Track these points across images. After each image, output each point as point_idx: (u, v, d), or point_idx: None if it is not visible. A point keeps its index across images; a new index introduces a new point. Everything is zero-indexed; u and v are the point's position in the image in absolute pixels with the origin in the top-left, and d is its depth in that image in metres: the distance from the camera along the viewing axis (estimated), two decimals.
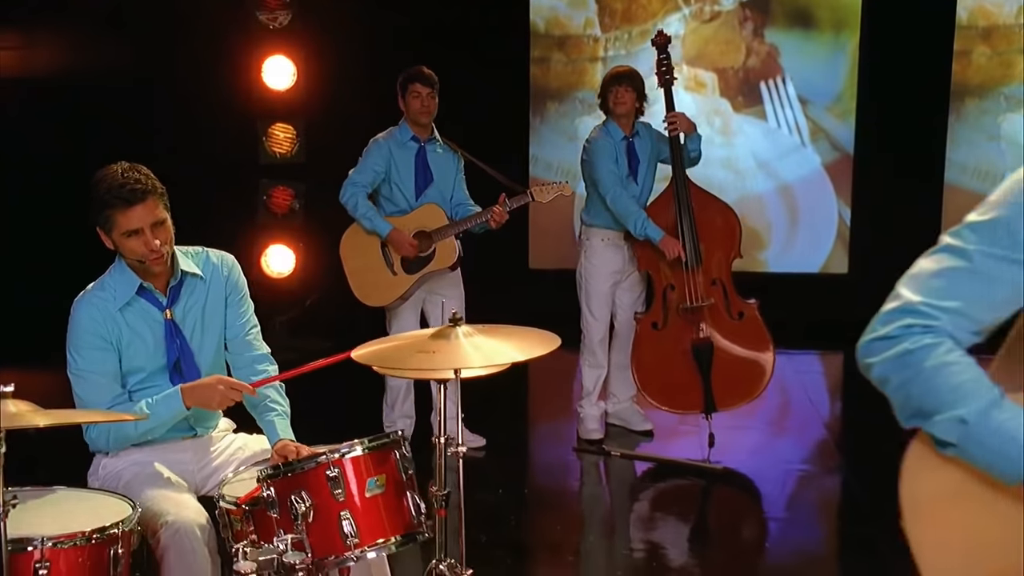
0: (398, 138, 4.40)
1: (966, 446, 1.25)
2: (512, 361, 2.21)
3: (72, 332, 2.48)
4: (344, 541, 1.98)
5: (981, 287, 1.29)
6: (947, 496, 1.29)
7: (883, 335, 1.31)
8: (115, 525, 2.10)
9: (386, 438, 2.10)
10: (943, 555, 1.30)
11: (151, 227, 2.42)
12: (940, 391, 1.26)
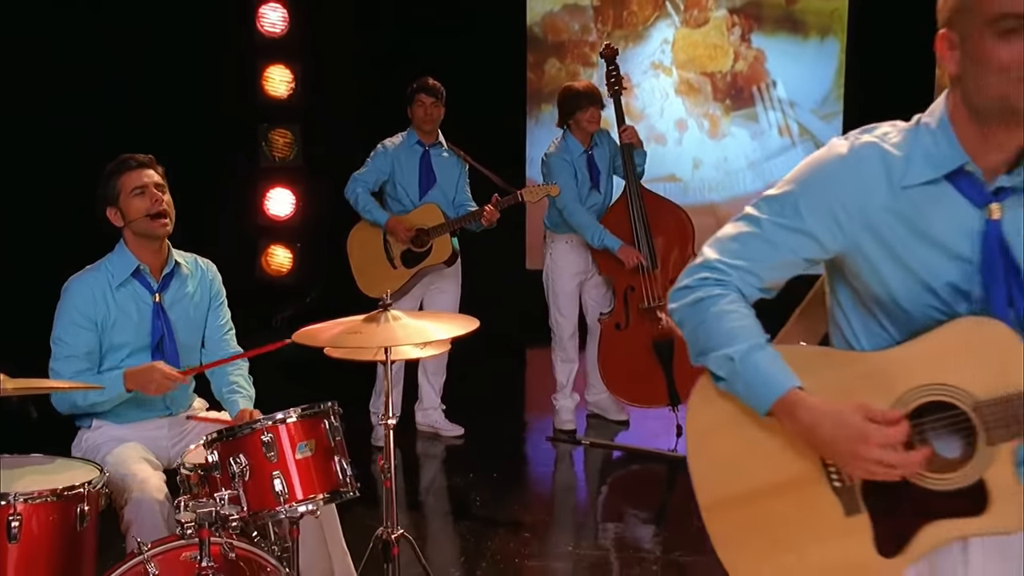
0: (405, 143, 4.69)
1: (732, 380, 1.49)
2: (432, 340, 2.45)
3: (62, 305, 2.77)
4: (276, 497, 2.24)
5: (767, 250, 1.52)
6: (719, 424, 1.53)
7: (684, 285, 1.56)
8: (82, 485, 2.35)
9: (317, 408, 2.35)
10: (711, 472, 1.55)
11: (155, 186, 2.75)
12: (718, 333, 1.49)
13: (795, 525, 1.48)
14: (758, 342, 1.48)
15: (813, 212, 1.49)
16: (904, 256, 1.45)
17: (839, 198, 1.47)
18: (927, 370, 1.41)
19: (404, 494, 4.47)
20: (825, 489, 1.47)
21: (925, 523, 1.41)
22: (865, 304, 1.53)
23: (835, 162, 1.49)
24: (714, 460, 1.55)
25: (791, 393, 1.44)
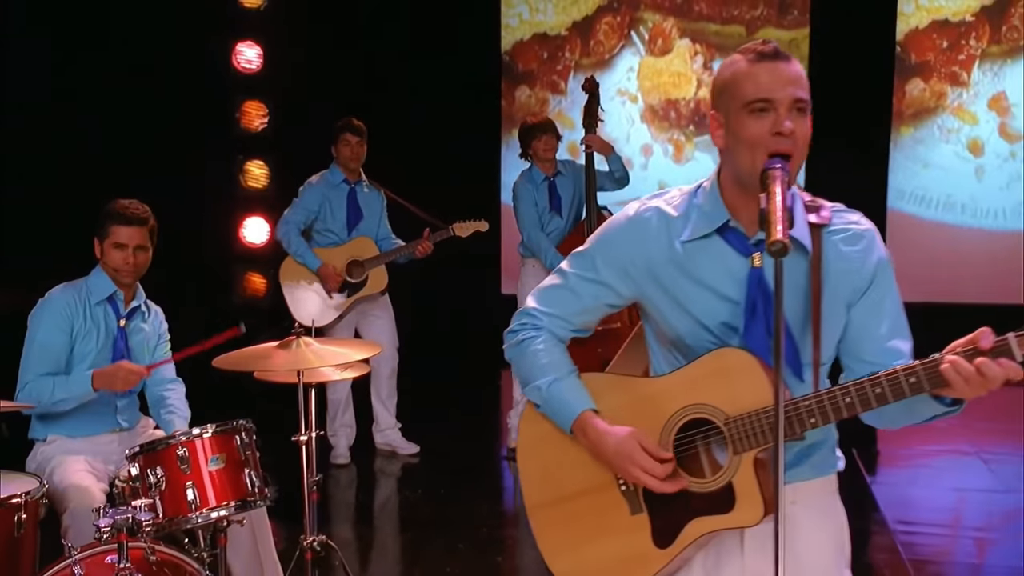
0: (330, 180, 4.93)
1: (543, 406, 1.75)
2: (336, 364, 2.71)
3: (43, 307, 3.07)
4: (189, 505, 2.50)
5: (573, 300, 1.78)
6: (539, 441, 1.79)
7: (511, 330, 1.82)
8: (20, 495, 2.61)
9: (229, 425, 2.60)
10: (533, 480, 1.82)
11: (134, 248, 3.04)
12: (533, 368, 1.76)
13: (593, 523, 1.72)
14: (562, 374, 1.74)
15: (608, 266, 1.74)
16: (683, 301, 1.70)
17: (628, 254, 1.72)
18: (691, 392, 1.65)
19: (355, 508, 4.73)
20: (615, 493, 1.71)
21: (690, 519, 1.64)
22: (660, 339, 1.77)
23: (624, 223, 1.75)
24: (535, 470, 1.80)
25: (583, 415, 1.69)
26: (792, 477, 1.69)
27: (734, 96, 1.63)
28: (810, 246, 1.68)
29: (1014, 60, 6.92)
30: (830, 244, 1.70)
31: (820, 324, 1.67)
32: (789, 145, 1.59)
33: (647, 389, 1.72)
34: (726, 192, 1.69)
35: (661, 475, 1.62)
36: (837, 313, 1.71)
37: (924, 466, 5.22)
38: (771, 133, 1.59)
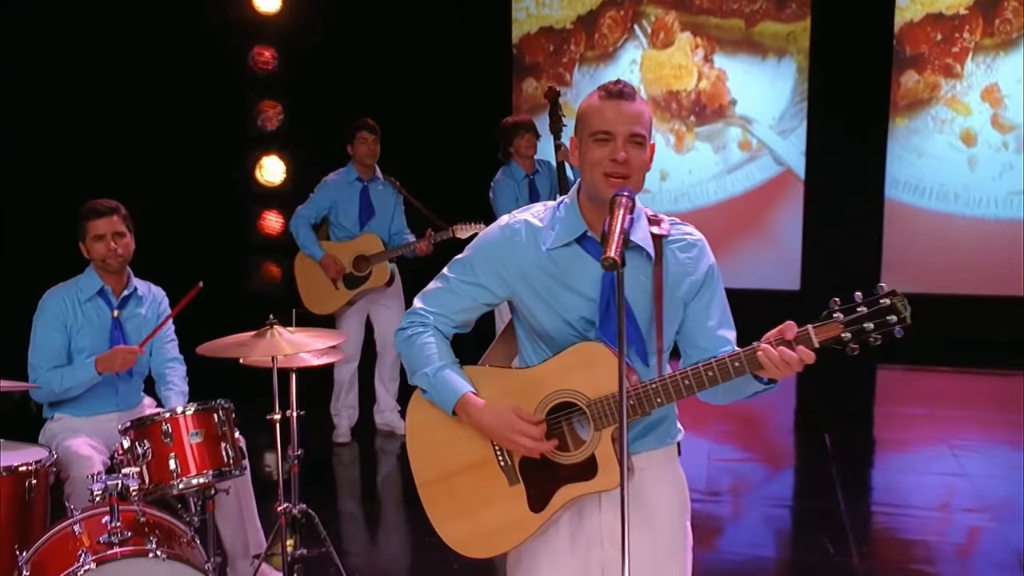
0: (344, 178, 5.26)
1: (429, 391, 2.04)
2: (307, 350, 3.05)
3: (40, 308, 3.43)
4: (171, 473, 2.86)
5: (454, 300, 2.08)
6: (426, 424, 2.09)
7: (401, 327, 2.11)
8: (32, 463, 3.00)
9: (208, 404, 2.96)
10: (421, 458, 2.11)
11: (112, 235, 3.37)
12: (420, 358, 2.05)
13: (475, 494, 2.02)
14: (445, 363, 2.04)
15: (484, 270, 2.04)
16: (549, 300, 1.99)
17: (501, 260, 2.02)
18: (558, 380, 1.95)
19: (356, 484, 5.10)
20: (495, 468, 2.01)
21: (560, 487, 1.94)
22: (529, 333, 2.07)
23: (497, 234, 2.04)
24: (423, 449, 2.10)
25: (465, 396, 1.99)
26: (641, 448, 2.02)
27: (585, 126, 1.94)
28: (653, 253, 1.97)
29: (1007, 52, 7.03)
30: (669, 251, 2.00)
31: (663, 318, 1.96)
32: (623, 170, 1.89)
33: (520, 378, 2.02)
34: (583, 207, 1.98)
35: (537, 435, 1.92)
36: (676, 309, 2.01)
37: (893, 453, 5.46)
38: (609, 159, 1.88)
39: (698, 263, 2.04)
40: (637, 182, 1.94)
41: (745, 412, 5.89)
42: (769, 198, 7.66)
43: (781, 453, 5.72)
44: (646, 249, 1.98)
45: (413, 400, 2.11)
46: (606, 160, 1.91)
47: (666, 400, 1.89)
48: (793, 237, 7.65)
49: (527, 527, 1.97)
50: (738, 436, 5.69)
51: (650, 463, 2.05)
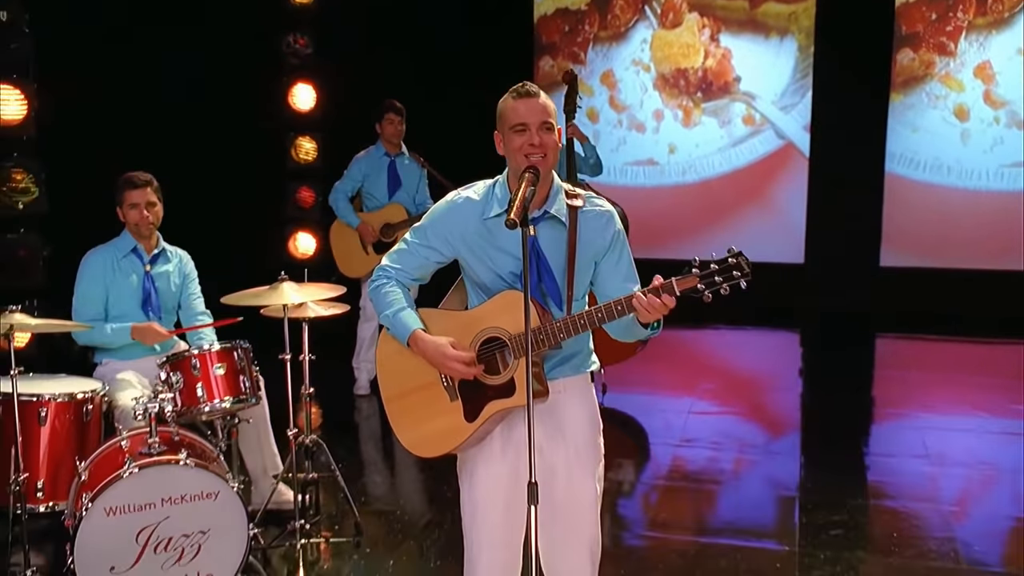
0: (374, 155, 5.86)
1: (391, 329, 2.57)
2: (311, 299, 3.65)
3: (82, 266, 4.01)
4: (199, 399, 3.47)
5: (412, 259, 2.61)
6: (391, 353, 2.62)
7: (372, 279, 2.64)
8: (88, 392, 3.64)
9: (230, 343, 3.56)
10: (386, 380, 2.64)
11: (145, 204, 3.95)
12: (384, 303, 2.59)
13: (424, 408, 2.57)
14: (402, 307, 2.57)
15: (434, 237, 2.57)
16: (485, 258, 2.51)
17: (447, 227, 2.55)
18: (490, 319, 2.48)
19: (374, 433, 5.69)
20: (440, 388, 2.55)
21: (488, 402, 2.48)
22: (472, 284, 2.60)
23: (445, 207, 2.57)
24: (387, 373, 2.65)
25: (415, 332, 2.53)
26: (558, 374, 2.54)
27: (505, 121, 2.45)
28: (567, 221, 2.48)
29: (999, 31, 7.32)
30: (583, 220, 2.50)
31: (574, 273, 2.48)
32: (540, 151, 2.40)
33: (462, 318, 2.56)
34: (511, 185, 2.49)
35: (466, 362, 2.46)
36: (587, 266, 2.52)
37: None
38: (528, 144, 2.40)
39: (606, 230, 2.54)
40: (551, 159, 2.44)
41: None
42: (771, 170, 8.07)
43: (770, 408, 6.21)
44: (560, 218, 2.49)
45: (381, 336, 2.66)
46: (526, 145, 2.42)
47: (568, 335, 2.41)
48: (797, 211, 8.04)
49: (462, 433, 2.52)
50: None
51: (566, 387, 2.58)
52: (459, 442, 2.54)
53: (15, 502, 3.43)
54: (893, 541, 4.00)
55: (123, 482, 3.24)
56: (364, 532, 4.09)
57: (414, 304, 2.61)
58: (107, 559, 3.26)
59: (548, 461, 2.56)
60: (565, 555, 2.61)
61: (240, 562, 3.43)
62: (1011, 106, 7.34)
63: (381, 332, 2.68)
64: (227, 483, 3.41)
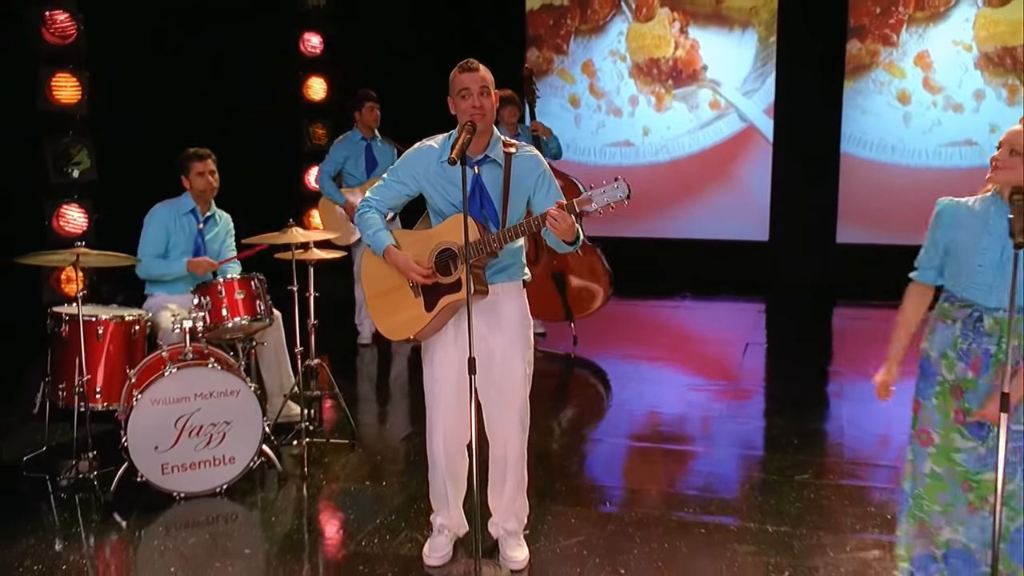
0: (352, 139, 6.68)
1: (371, 245, 3.42)
2: (313, 239, 4.53)
3: (151, 215, 4.88)
4: (223, 317, 4.35)
5: (388, 192, 3.45)
6: (373, 263, 3.47)
7: (358, 208, 3.49)
8: (135, 315, 4.53)
9: (248, 275, 4.45)
10: (369, 283, 3.49)
11: (209, 173, 4.85)
12: (366, 226, 3.43)
13: (396, 303, 3.42)
14: (380, 228, 3.41)
15: (405, 174, 3.41)
16: (441, 191, 3.35)
17: (414, 168, 3.39)
18: (443, 235, 3.32)
19: (372, 374, 6.55)
20: (407, 288, 3.40)
21: (441, 296, 3.33)
22: (432, 210, 3.44)
23: (414, 152, 3.41)
24: (369, 278, 3.50)
25: (388, 247, 3.38)
26: (497, 280, 3.38)
27: (453, 89, 3.28)
28: (503, 163, 3.33)
29: (935, 24, 8.12)
30: (516, 162, 3.34)
31: (508, 201, 3.31)
32: (480, 112, 3.23)
33: (424, 235, 3.41)
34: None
35: (424, 270, 3.31)
36: (521, 198, 3.35)
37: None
38: (471, 106, 3.24)
39: (535, 170, 3.37)
40: (489, 117, 3.27)
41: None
42: (736, 150, 8.89)
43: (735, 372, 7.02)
44: (498, 161, 3.34)
45: (364, 251, 3.53)
46: (469, 107, 3.26)
47: (501, 245, 3.24)
48: (762, 191, 8.84)
49: (423, 320, 3.37)
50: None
51: (503, 290, 3.42)
52: (420, 327, 3.40)
53: (79, 401, 4.33)
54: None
55: (165, 379, 4.14)
56: (358, 437, 4.97)
57: (388, 227, 3.47)
58: (152, 440, 4.15)
59: (489, 346, 3.41)
60: (501, 416, 3.47)
61: (256, 448, 4.32)
62: (947, 91, 8.13)
63: (365, 248, 3.54)
64: (246, 384, 4.30)
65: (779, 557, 3.67)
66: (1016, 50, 7.99)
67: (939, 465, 2.98)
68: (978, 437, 2.93)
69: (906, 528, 3.09)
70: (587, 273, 6.67)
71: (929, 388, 3.01)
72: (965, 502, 2.97)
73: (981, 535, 2.95)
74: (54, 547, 3.79)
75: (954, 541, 3.00)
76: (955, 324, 2.95)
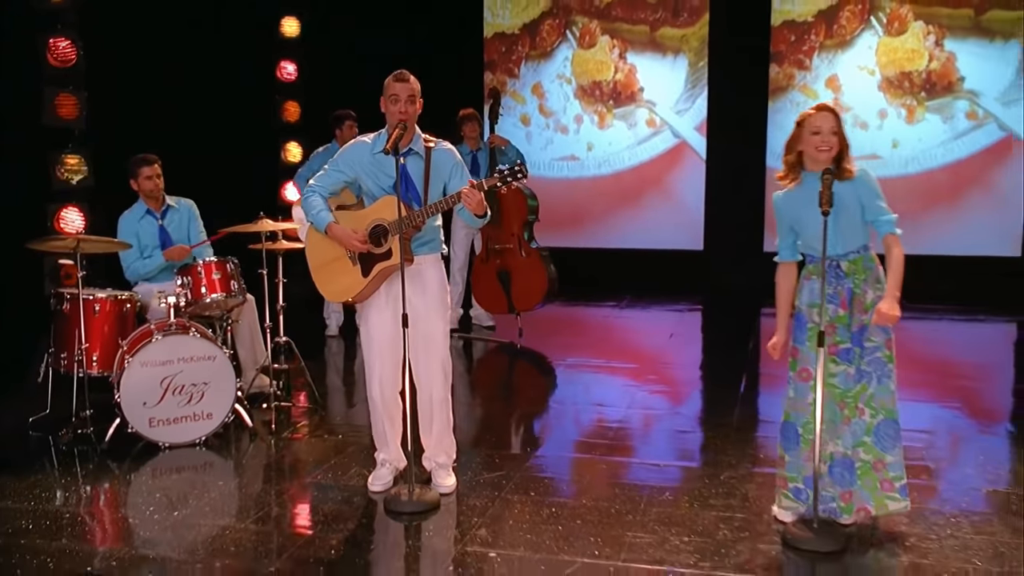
0: (331, 150, 7.18)
1: (314, 224, 4.21)
2: (280, 228, 5.33)
3: (119, 228, 5.64)
4: (202, 294, 5.15)
5: (328, 180, 4.22)
6: (315, 239, 4.24)
7: (303, 194, 4.28)
8: (127, 296, 5.31)
9: (224, 258, 5.24)
10: (313, 255, 4.28)
11: (156, 176, 5.62)
12: (310, 208, 4.20)
13: (337, 271, 4.18)
14: (322, 208, 4.17)
15: (343, 165, 4.19)
16: (374, 178, 4.14)
17: (351, 158, 4.18)
18: (376, 214, 4.10)
19: (339, 362, 7.31)
20: (346, 258, 4.17)
21: (375, 264, 4.11)
22: (366, 196, 4.23)
23: (351, 146, 4.20)
24: (313, 252, 4.27)
25: (328, 224, 4.15)
26: (420, 252, 4.14)
27: (386, 93, 4.07)
28: (424, 155, 4.15)
29: (843, 50, 9.07)
30: (435, 154, 4.14)
31: (428, 185, 4.10)
32: (406, 116, 4.02)
33: (360, 213, 4.16)
34: (389, 132, 4.11)
35: (360, 241, 4.11)
36: (439, 183, 4.14)
37: None
38: (399, 111, 4.05)
39: (449, 161, 4.15)
40: (413, 118, 4.05)
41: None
42: (670, 165, 9.78)
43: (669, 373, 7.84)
44: (420, 153, 4.16)
45: (308, 228, 4.32)
46: (397, 111, 4.07)
47: (423, 219, 4.04)
48: (695, 203, 9.69)
49: (359, 284, 4.15)
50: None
51: (425, 261, 4.17)
52: (358, 290, 4.19)
53: (78, 367, 5.09)
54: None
55: (152, 344, 4.92)
56: (320, 403, 5.75)
57: (329, 207, 4.27)
58: (141, 397, 4.91)
59: (414, 307, 4.16)
60: (427, 366, 4.22)
61: (230, 406, 5.09)
62: (854, 110, 9.06)
63: (309, 227, 4.34)
64: (222, 351, 5.09)
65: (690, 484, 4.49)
66: (912, 74, 8.95)
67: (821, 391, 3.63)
68: (847, 360, 3.71)
69: (797, 454, 3.80)
70: (529, 272, 7.45)
71: (803, 334, 3.75)
72: (841, 418, 3.75)
73: (853, 439, 3.76)
74: (59, 483, 4.54)
75: (836, 452, 3.77)
76: (817, 279, 3.67)
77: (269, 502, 4.34)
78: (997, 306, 8.50)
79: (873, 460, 3.77)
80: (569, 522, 3.97)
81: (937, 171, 8.96)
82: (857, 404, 3.74)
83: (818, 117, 3.73)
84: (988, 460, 4.72)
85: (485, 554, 3.68)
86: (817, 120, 3.72)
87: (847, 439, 3.77)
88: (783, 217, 3.85)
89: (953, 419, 5.51)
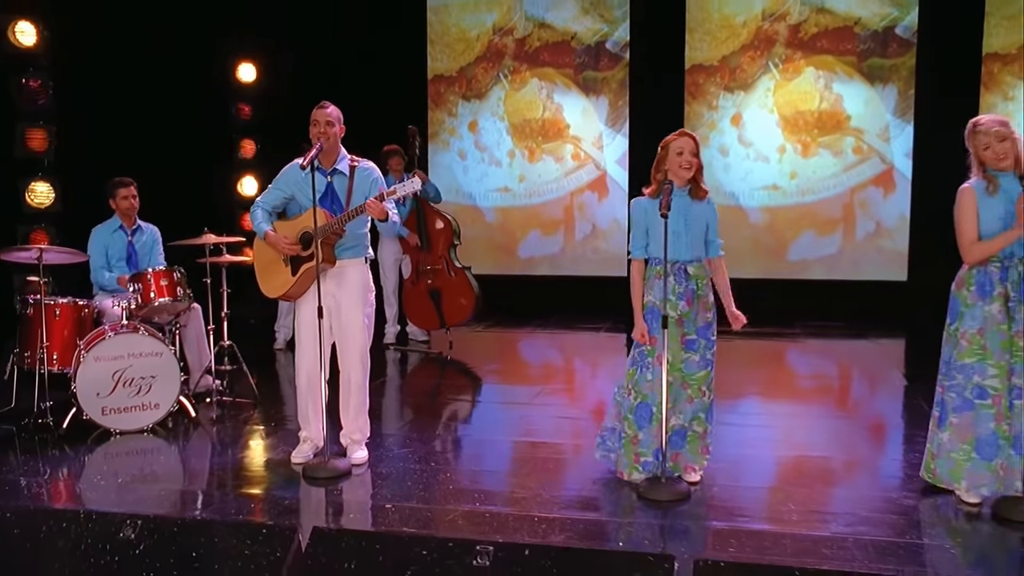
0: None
1: (256, 232, 4.97)
2: (222, 242, 6.05)
3: (93, 237, 6.33)
4: (151, 298, 5.84)
5: (270, 196, 5.00)
6: (259, 247, 5.00)
7: (251, 209, 5.04)
8: (84, 302, 5.99)
9: (171, 267, 5.95)
10: (258, 260, 5.03)
11: (131, 198, 6.35)
12: (256, 221, 4.96)
13: (273, 271, 4.92)
14: (263, 220, 4.92)
15: (282, 182, 4.93)
16: (304, 193, 4.86)
17: (287, 178, 4.93)
18: (304, 223, 4.82)
19: (282, 373, 8.00)
20: (280, 261, 4.92)
21: (302, 264, 4.84)
22: (297, 206, 4.97)
23: (288, 168, 4.94)
24: (258, 255, 5.01)
25: (266, 232, 4.90)
26: (344, 256, 4.88)
27: (311, 120, 4.86)
28: (348, 173, 4.91)
29: (746, 93, 10.04)
30: (357, 173, 4.90)
31: (350, 199, 4.84)
32: (324, 136, 4.78)
33: (291, 224, 4.91)
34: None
35: (288, 243, 4.84)
36: (360, 198, 4.85)
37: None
38: (319, 133, 4.80)
39: (369, 177, 4.91)
40: (334, 140, 4.81)
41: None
42: (594, 194, 10.64)
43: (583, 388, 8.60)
44: (344, 171, 4.92)
45: (256, 240, 5.04)
46: (317, 133, 4.78)
47: (341, 228, 4.78)
48: (618, 231, 10.50)
49: (290, 281, 4.88)
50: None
51: (349, 263, 4.91)
52: (288, 287, 4.93)
53: (40, 364, 5.73)
54: None
55: (106, 341, 5.59)
56: (258, 400, 6.43)
57: (270, 219, 5.01)
58: (95, 388, 5.57)
59: (337, 301, 4.91)
60: (347, 353, 4.95)
61: (175, 397, 5.77)
62: (755, 145, 9.99)
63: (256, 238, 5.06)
64: (168, 348, 5.78)
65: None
66: (806, 113, 9.93)
67: (670, 375, 4.39)
68: (693, 349, 4.49)
69: (649, 431, 4.50)
70: (458, 290, 8.20)
71: (657, 325, 4.41)
72: (685, 397, 4.52)
73: (692, 415, 4.55)
74: (21, 465, 5.17)
75: (677, 425, 4.54)
76: (666, 278, 4.37)
77: (203, 470, 5.02)
78: (885, 327, 9.21)
79: (702, 431, 4.58)
80: (460, 483, 4.71)
81: (830, 200, 9.90)
82: (700, 387, 4.53)
83: (681, 141, 4.49)
84: (877, 465, 5.19)
85: (382, 506, 4.40)
86: (680, 143, 4.48)
87: (687, 414, 4.55)
88: (639, 219, 4.58)
89: (844, 428, 6.19)
